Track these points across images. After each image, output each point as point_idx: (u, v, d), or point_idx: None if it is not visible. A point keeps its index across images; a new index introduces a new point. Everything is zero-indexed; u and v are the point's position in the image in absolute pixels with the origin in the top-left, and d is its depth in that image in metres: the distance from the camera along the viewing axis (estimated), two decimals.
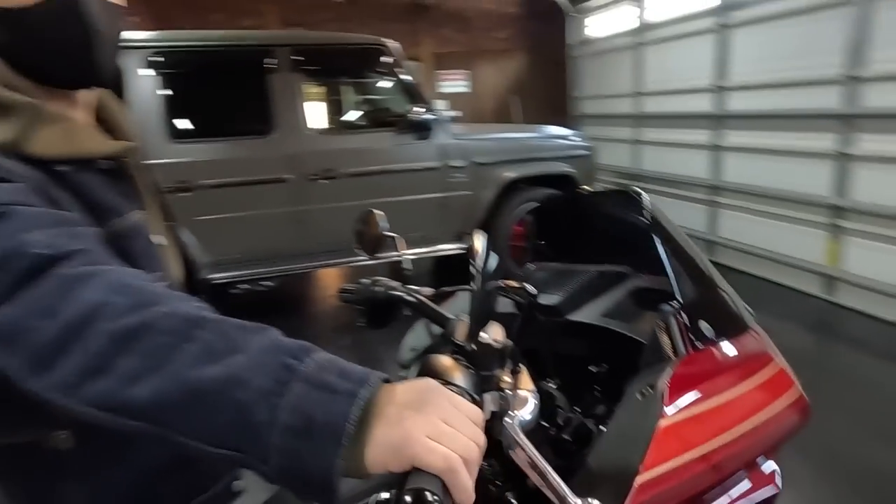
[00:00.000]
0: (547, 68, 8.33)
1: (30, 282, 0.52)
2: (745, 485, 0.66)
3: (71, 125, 0.75)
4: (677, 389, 0.62)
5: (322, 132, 4.36)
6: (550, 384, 0.91)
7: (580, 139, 4.91)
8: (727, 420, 0.61)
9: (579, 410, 0.88)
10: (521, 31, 8.26)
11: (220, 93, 4.11)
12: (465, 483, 0.44)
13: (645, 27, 5.90)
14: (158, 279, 0.72)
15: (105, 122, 0.85)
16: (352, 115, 5.27)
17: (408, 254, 1.19)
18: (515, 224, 4.52)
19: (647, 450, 0.55)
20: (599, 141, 6.50)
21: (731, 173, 4.98)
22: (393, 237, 1.12)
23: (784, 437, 0.68)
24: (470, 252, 0.65)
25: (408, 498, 0.41)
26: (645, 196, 0.92)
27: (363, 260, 4.35)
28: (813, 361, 3.29)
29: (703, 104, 5.14)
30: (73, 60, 0.73)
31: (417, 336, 1.16)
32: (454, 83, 8.11)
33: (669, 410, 0.59)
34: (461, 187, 4.38)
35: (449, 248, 4.41)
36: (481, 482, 0.70)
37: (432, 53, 7.98)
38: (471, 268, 0.61)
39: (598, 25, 6.93)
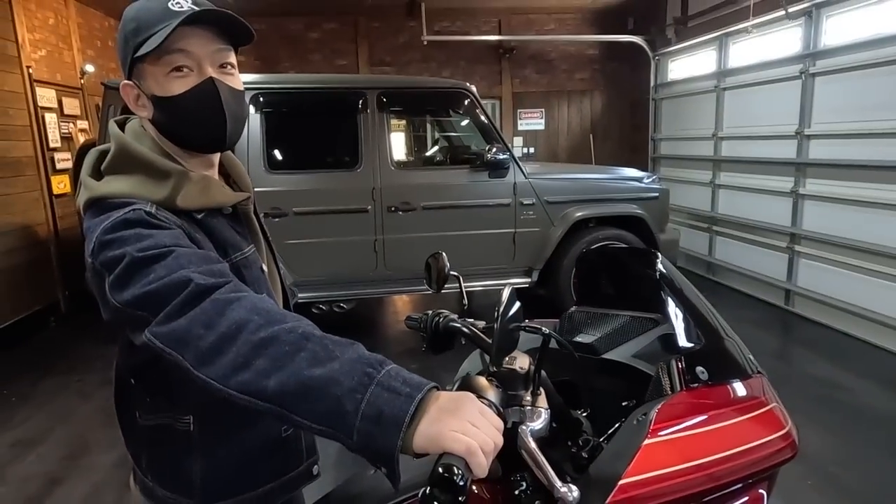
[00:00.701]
0: (624, 109, 8.40)
1: (195, 303, 0.74)
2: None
3: (206, 183, 0.97)
4: (663, 418, 0.77)
5: (403, 167, 4.67)
6: (581, 413, 1.07)
7: (652, 181, 4.96)
8: (706, 447, 0.75)
9: (603, 437, 1.03)
10: (600, 72, 8.39)
11: (314, 129, 4.53)
12: (481, 462, 0.61)
13: (726, 72, 5.90)
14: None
15: (227, 175, 1.09)
16: (431, 152, 5.59)
17: (468, 288, 1.39)
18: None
19: (631, 461, 0.71)
20: (676, 182, 6.51)
21: (810, 222, 4.86)
22: (456, 275, 1.32)
23: (768, 468, 0.80)
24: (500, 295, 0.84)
25: (439, 468, 0.60)
26: (660, 255, 1.07)
27: (439, 292, 4.56)
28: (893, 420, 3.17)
29: (783, 150, 5.07)
30: (210, 134, 0.96)
31: (472, 363, 1.34)
32: (531, 121, 8.33)
33: (652, 434, 0.74)
34: (531, 224, 4.55)
35: (516, 282, 4.57)
36: (514, 497, 0.87)
37: (512, 92, 8.26)
38: (495, 311, 0.80)
39: (679, 68, 6.97)
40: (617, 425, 0.91)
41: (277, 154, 4.28)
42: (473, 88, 4.45)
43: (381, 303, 5.62)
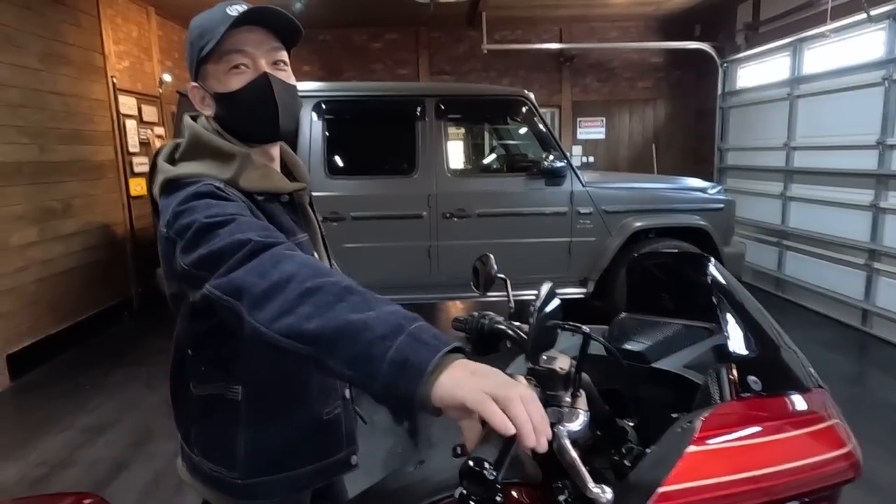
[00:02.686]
0: (688, 118, 8.14)
1: (252, 257, 0.79)
2: None
3: (267, 169, 1.06)
4: (710, 426, 0.73)
5: (459, 174, 4.68)
6: (628, 422, 1.03)
7: (717, 192, 4.77)
8: (758, 459, 0.70)
9: (646, 447, 1.00)
10: (664, 80, 8.17)
11: (374, 136, 4.62)
12: (494, 411, 0.58)
13: (801, 79, 5.62)
14: None
15: (286, 167, 1.17)
16: (488, 160, 5.59)
17: (522, 296, 1.37)
18: None
19: (672, 468, 0.67)
20: (743, 194, 6.24)
21: (892, 237, 4.55)
22: (504, 279, 1.31)
23: (826, 488, 0.75)
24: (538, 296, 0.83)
25: (469, 461, 0.58)
26: (711, 260, 1.03)
27: (485, 296, 4.52)
28: None
29: (862, 161, 4.77)
30: (265, 125, 1.04)
31: (518, 366, 1.33)
32: (591, 130, 8.20)
33: (698, 442, 0.71)
34: (588, 233, 4.46)
35: (570, 291, 4.49)
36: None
37: (572, 101, 8.16)
38: (531, 307, 0.78)
39: (749, 76, 6.70)
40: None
41: (337, 160, 4.39)
42: (531, 96, 4.43)
43: (433, 309, 5.65)
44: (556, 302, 0.80)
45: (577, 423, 0.75)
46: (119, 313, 5.43)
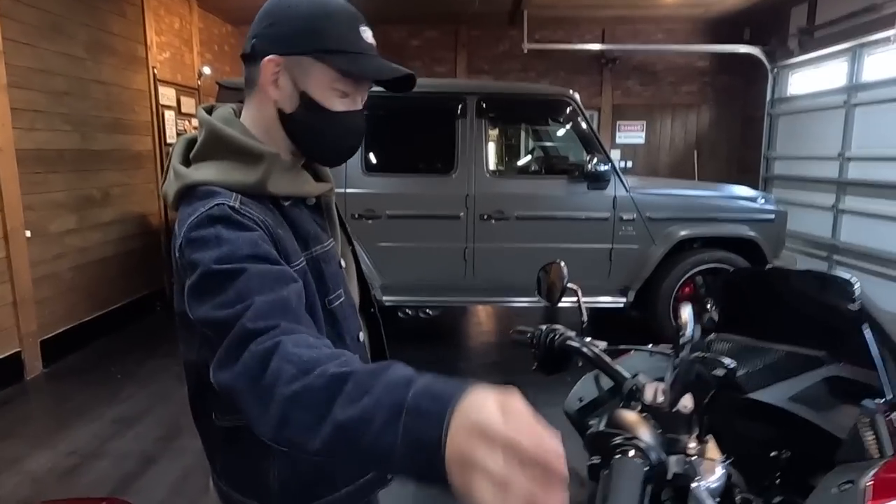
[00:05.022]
0: (734, 125, 7.87)
1: (241, 351, 0.72)
2: None
3: (296, 171, 0.98)
4: (882, 491, 0.60)
5: (499, 175, 4.56)
6: (725, 461, 0.91)
7: (768, 202, 4.56)
8: None
9: (754, 493, 0.87)
10: (710, 85, 7.91)
11: (412, 133, 4.52)
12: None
13: (859, 86, 5.36)
14: (340, 297, 0.98)
15: (309, 165, 1.05)
16: (528, 161, 5.45)
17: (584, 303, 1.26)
18: (684, 284, 4.32)
19: None
20: (791, 205, 5.98)
21: None
22: (574, 288, 1.20)
23: None
24: (676, 317, 0.71)
25: None
26: (857, 283, 0.89)
27: (522, 301, 4.42)
28: None
29: None
30: (337, 154, 1.00)
31: (586, 387, 1.21)
32: (631, 134, 7.99)
33: None
34: (630, 241, 4.30)
35: (611, 300, 4.34)
36: None
37: (612, 104, 7.96)
38: (679, 337, 0.67)
39: (801, 82, 6.43)
40: (816, 495, 0.73)
41: (375, 156, 4.30)
42: (577, 96, 4.29)
43: (467, 312, 5.53)
44: (698, 329, 0.67)
45: (716, 477, 0.63)
46: (152, 303, 5.44)
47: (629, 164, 7.94)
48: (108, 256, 4.85)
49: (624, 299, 4.33)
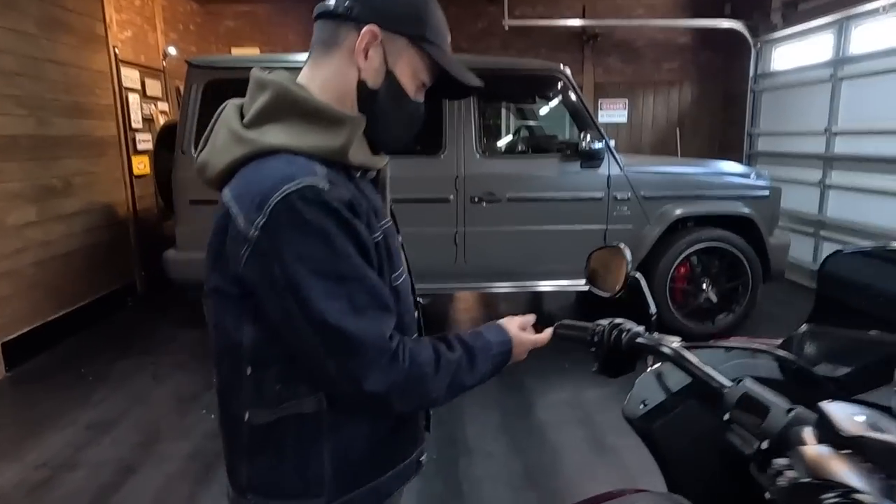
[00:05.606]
0: (716, 102, 7.81)
1: (394, 364, 0.86)
2: None
3: (366, 144, 0.92)
4: None
5: (490, 155, 4.38)
6: None
7: (762, 178, 4.48)
8: None
9: None
10: (692, 62, 7.82)
11: None
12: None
13: (845, 59, 5.30)
14: (402, 275, 0.99)
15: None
16: (518, 139, 5.27)
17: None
18: (680, 264, 4.22)
19: None
20: (775, 182, 5.92)
21: None
22: (637, 277, 1.04)
23: None
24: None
25: None
26: None
27: (520, 286, 4.23)
28: None
29: None
30: (400, 140, 0.97)
31: (648, 389, 1.05)
32: (613, 113, 7.87)
33: None
34: (625, 221, 4.18)
35: None
36: None
37: (594, 82, 7.82)
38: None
39: (785, 56, 6.37)
40: None
41: None
42: (567, 70, 4.12)
43: (457, 300, 5.37)
44: None
45: None
46: (123, 299, 5.14)
47: (612, 143, 7.81)
48: (73, 250, 4.54)
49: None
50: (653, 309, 1.00)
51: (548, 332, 1.06)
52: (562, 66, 4.13)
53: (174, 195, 3.90)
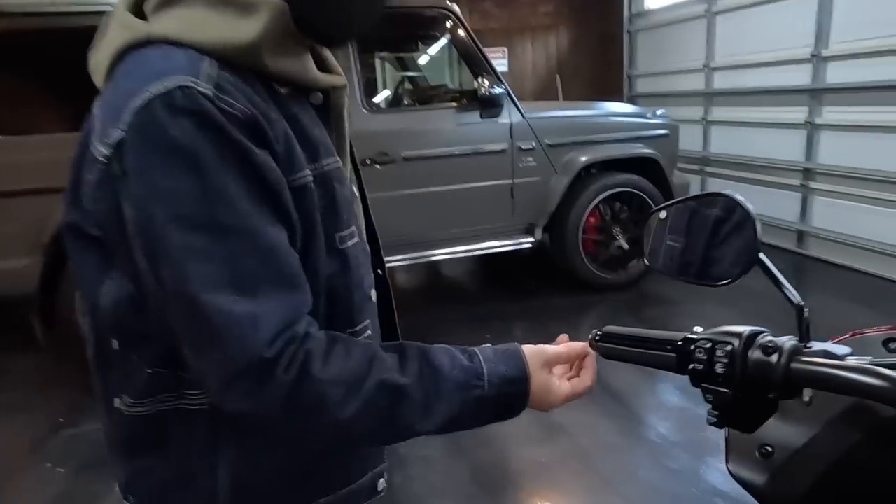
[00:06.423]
0: (593, 45, 7.74)
1: (266, 379, 0.56)
2: None
3: (301, 49, 0.66)
4: None
5: (378, 110, 3.83)
6: None
7: (660, 118, 4.35)
8: None
9: None
10: (567, 4, 7.65)
11: None
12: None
13: None
14: (353, 237, 0.70)
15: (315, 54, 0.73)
16: (410, 91, 4.74)
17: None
18: (589, 214, 3.99)
19: None
20: None
21: (826, 155, 4.42)
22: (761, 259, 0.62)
23: None
24: None
25: None
26: None
27: (425, 257, 3.70)
28: None
29: (793, 77, 4.56)
30: (359, 19, 0.68)
31: (779, 430, 0.64)
32: (494, 62, 7.53)
33: None
34: (531, 173, 3.86)
35: (517, 242, 3.89)
36: None
37: (472, 29, 7.41)
38: None
39: None
40: None
41: None
42: (456, 8, 3.65)
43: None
44: None
45: None
46: None
47: None
48: None
49: (531, 238, 3.91)
50: (797, 300, 0.59)
51: (590, 365, 0.74)
52: (449, 1, 3.64)
53: None
